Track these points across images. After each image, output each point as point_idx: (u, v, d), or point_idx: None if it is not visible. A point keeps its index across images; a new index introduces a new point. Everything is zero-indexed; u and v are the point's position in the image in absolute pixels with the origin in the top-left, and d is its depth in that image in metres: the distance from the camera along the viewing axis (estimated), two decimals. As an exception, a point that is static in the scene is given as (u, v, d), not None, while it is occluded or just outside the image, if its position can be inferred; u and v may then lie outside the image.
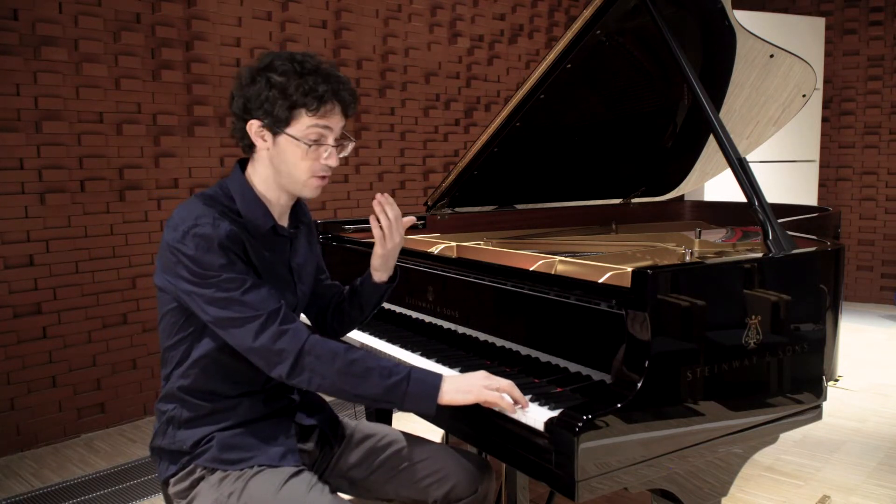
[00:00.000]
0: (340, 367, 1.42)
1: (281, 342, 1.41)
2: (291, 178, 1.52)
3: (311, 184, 1.53)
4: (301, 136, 1.48)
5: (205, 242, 1.41)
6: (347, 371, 1.42)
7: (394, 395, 1.43)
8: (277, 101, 1.45)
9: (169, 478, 1.54)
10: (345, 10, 4.44)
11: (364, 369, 1.43)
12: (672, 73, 2.43)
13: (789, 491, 2.80)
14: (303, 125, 1.47)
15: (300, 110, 1.46)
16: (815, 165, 5.93)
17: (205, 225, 1.42)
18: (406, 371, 1.44)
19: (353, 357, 1.43)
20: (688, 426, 1.44)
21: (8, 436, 3.28)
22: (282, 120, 1.47)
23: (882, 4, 5.98)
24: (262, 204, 1.54)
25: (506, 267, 1.76)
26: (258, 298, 1.42)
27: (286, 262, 1.61)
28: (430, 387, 1.44)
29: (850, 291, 6.24)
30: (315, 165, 1.50)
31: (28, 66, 3.24)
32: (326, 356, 1.43)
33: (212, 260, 1.41)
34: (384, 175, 4.74)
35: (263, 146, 1.51)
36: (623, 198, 3.05)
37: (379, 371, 1.43)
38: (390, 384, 1.42)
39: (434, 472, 1.66)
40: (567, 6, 5.92)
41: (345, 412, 2.01)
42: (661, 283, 1.40)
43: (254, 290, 1.43)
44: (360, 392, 1.44)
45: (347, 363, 1.42)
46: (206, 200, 1.48)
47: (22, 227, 3.28)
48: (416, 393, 1.43)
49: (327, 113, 1.48)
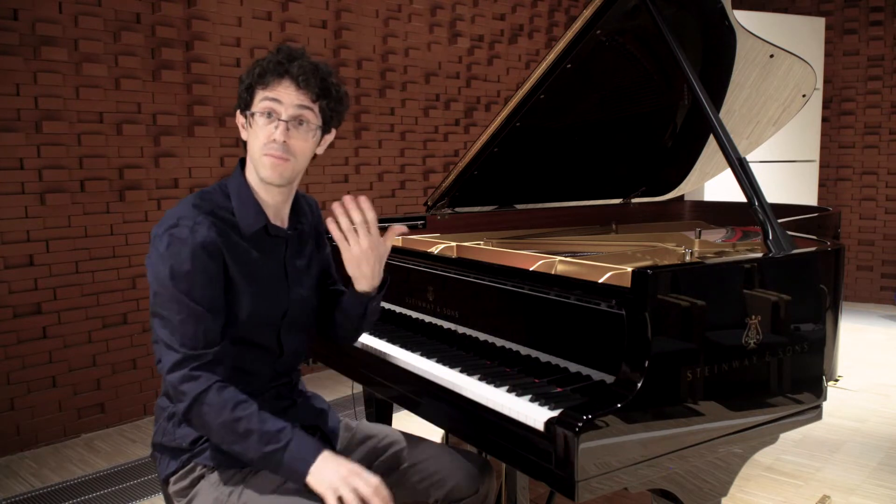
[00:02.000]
0: (224, 422, 1.37)
1: (186, 385, 1.38)
2: (252, 157, 1.50)
3: (263, 161, 1.48)
4: (257, 109, 1.48)
5: (176, 244, 1.41)
6: (230, 428, 1.37)
7: (268, 463, 1.38)
8: (242, 86, 1.50)
9: (169, 476, 1.54)
10: (345, 10, 4.44)
11: (245, 430, 1.37)
12: (672, 73, 2.43)
13: (789, 491, 2.80)
14: (257, 101, 1.48)
15: (256, 89, 1.48)
16: (815, 165, 5.93)
17: (183, 227, 1.42)
18: (285, 441, 1.37)
19: (238, 416, 1.37)
20: (688, 426, 1.44)
21: (8, 436, 3.28)
22: (247, 102, 1.49)
23: (882, 4, 5.98)
24: (256, 203, 1.53)
25: (506, 267, 1.76)
26: (189, 334, 1.39)
27: (280, 264, 1.58)
28: (302, 465, 1.37)
29: (850, 291, 6.24)
30: (266, 140, 1.47)
31: (28, 66, 3.24)
32: (216, 408, 1.37)
33: (174, 265, 1.40)
34: (384, 175, 4.74)
35: (245, 136, 1.52)
36: (623, 198, 3.05)
37: (259, 435, 1.37)
38: (266, 452, 1.37)
39: (435, 472, 1.66)
40: (567, 6, 5.92)
41: (345, 412, 2.01)
42: (661, 283, 1.40)
43: (191, 323, 1.40)
44: (239, 451, 1.39)
45: (232, 420, 1.37)
46: (199, 198, 1.49)
47: (22, 227, 3.28)
48: (288, 467, 1.37)
49: (275, 85, 1.47)
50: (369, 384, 2.03)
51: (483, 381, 1.59)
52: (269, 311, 1.54)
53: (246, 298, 1.49)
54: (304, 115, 1.49)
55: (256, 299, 1.51)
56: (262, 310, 1.52)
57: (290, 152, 1.48)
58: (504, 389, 1.53)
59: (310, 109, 1.50)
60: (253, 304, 1.50)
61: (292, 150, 1.48)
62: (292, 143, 1.48)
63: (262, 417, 1.39)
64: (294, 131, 1.48)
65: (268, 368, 1.58)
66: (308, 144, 1.51)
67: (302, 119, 1.49)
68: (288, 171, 1.50)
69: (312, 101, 1.50)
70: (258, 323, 1.52)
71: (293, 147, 1.48)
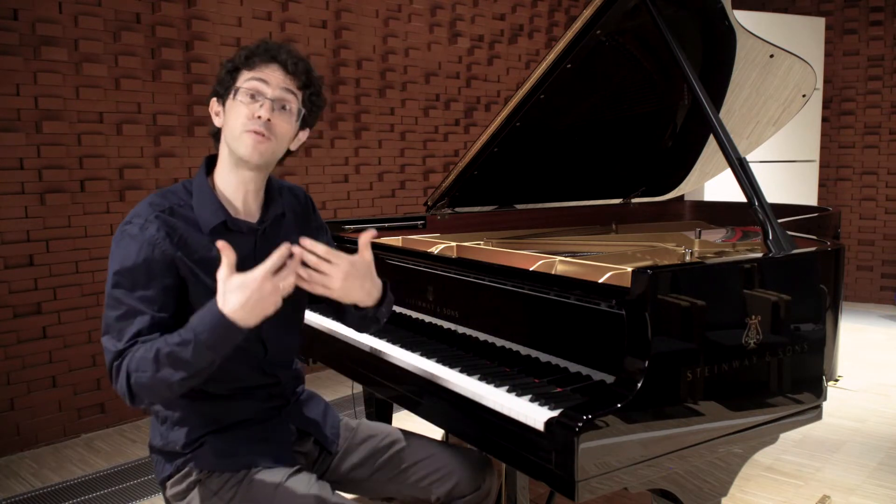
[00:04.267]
0: (152, 374, 1.33)
1: (118, 378, 1.37)
2: (232, 137, 1.47)
3: (244, 139, 1.45)
4: (242, 86, 1.47)
5: (125, 240, 1.42)
6: (159, 376, 1.32)
7: (208, 355, 1.31)
8: (223, 71, 1.50)
9: (166, 479, 1.54)
10: (345, 10, 4.44)
11: (166, 357, 1.31)
12: (672, 73, 2.43)
13: (789, 491, 2.80)
14: (242, 81, 1.48)
15: (240, 71, 1.48)
16: (815, 165, 5.92)
17: (135, 224, 1.43)
18: (193, 333, 1.31)
19: (157, 360, 1.32)
20: (688, 426, 1.44)
21: (8, 436, 3.28)
22: (228, 84, 1.49)
23: (882, 4, 5.98)
24: (215, 199, 1.49)
25: (506, 267, 1.76)
26: (122, 332, 1.38)
27: (249, 259, 1.47)
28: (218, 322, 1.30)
29: (850, 291, 6.24)
30: (251, 116, 1.45)
31: (28, 66, 3.24)
32: (142, 369, 1.34)
33: (121, 259, 1.41)
34: (384, 175, 4.74)
35: (220, 122, 1.51)
36: (623, 198, 3.05)
37: (178, 352, 1.31)
38: (193, 349, 1.30)
39: (436, 470, 1.66)
40: (567, 6, 5.91)
41: (345, 412, 2.01)
42: (662, 283, 1.40)
43: (124, 321, 1.38)
44: (181, 376, 1.32)
45: (154, 367, 1.32)
46: (159, 196, 1.49)
47: (22, 227, 3.28)
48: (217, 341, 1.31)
49: (263, 67, 1.47)
50: (369, 384, 2.03)
51: (483, 381, 1.59)
52: None
53: (207, 296, 1.41)
54: (288, 98, 1.49)
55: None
56: None
57: (272, 131, 1.46)
58: (504, 389, 1.53)
59: (294, 95, 1.50)
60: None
61: (274, 130, 1.46)
62: (275, 123, 1.46)
63: (164, 342, 1.33)
64: (278, 112, 1.47)
65: (254, 368, 1.56)
66: (290, 128, 1.50)
67: (286, 103, 1.48)
68: (268, 152, 1.47)
69: (298, 87, 1.50)
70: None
71: (276, 127, 1.47)
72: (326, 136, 4.42)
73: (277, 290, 1.31)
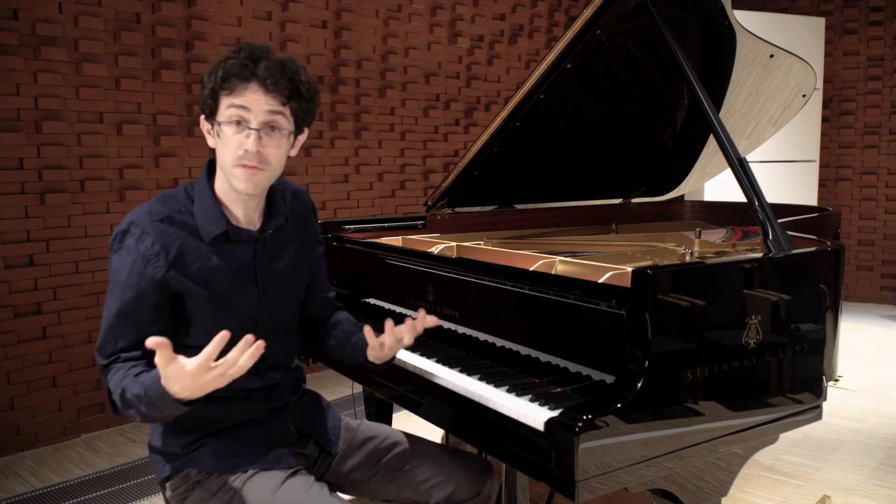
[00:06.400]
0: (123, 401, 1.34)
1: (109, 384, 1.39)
2: (224, 167, 1.42)
3: (235, 173, 1.40)
4: (224, 119, 1.39)
5: (123, 252, 1.41)
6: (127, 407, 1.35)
7: (154, 415, 1.32)
8: (205, 91, 1.41)
9: (165, 480, 1.54)
10: (345, 10, 4.44)
11: (135, 402, 1.32)
12: (672, 73, 2.43)
13: (789, 491, 2.80)
14: (224, 108, 1.39)
15: (220, 94, 1.39)
16: (815, 165, 5.92)
17: (132, 235, 1.41)
18: (143, 391, 1.30)
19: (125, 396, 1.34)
20: (688, 426, 1.44)
21: (8, 436, 3.28)
22: (213, 110, 1.41)
23: (882, 4, 5.98)
24: (217, 207, 1.46)
25: (506, 267, 1.76)
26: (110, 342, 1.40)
27: (248, 269, 1.50)
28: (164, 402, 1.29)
29: (850, 291, 6.23)
30: (238, 150, 1.38)
31: (28, 66, 3.24)
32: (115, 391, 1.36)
33: (119, 271, 1.41)
34: (384, 175, 4.74)
35: (211, 143, 1.45)
36: (623, 198, 3.05)
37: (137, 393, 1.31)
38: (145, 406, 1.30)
39: (436, 474, 1.66)
40: (567, 6, 5.91)
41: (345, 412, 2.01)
42: (662, 283, 1.40)
43: (113, 331, 1.40)
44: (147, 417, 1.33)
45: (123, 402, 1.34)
46: (158, 202, 1.46)
47: (22, 227, 3.28)
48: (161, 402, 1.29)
49: (241, 91, 1.37)
50: (369, 384, 2.03)
51: (483, 381, 1.59)
52: (235, 319, 1.44)
53: (205, 306, 1.44)
54: (275, 120, 1.40)
55: (218, 306, 1.45)
56: (224, 318, 1.43)
57: (263, 161, 1.40)
58: (504, 389, 1.53)
59: (280, 114, 1.41)
60: (214, 313, 1.45)
61: (266, 159, 1.40)
62: (265, 152, 1.39)
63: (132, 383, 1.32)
64: (266, 139, 1.39)
65: (253, 371, 1.53)
66: (282, 150, 1.44)
67: (274, 125, 1.40)
68: (264, 181, 1.44)
69: (282, 104, 1.41)
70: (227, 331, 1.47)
71: (266, 155, 1.40)
72: (326, 136, 4.42)
73: (222, 376, 1.23)
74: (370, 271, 2.26)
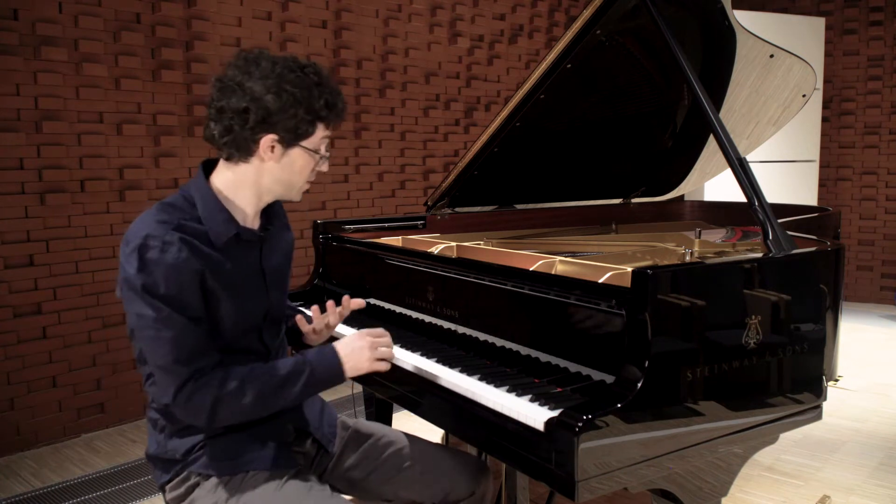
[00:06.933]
0: (252, 401, 1.41)
1: (197, 398, 1.38)
2: (289, 186, 1.52)
3: (300, 189, 1.57)
4: (314, 147, 1.50)
5: (151, 267, 1.35)
6: (261, 401, 1.43)
7: (310, 391, 1.49)
8: (302, 117, 1.43)
9: (164, 484, 1.53)
10: (345, 10, 4.44)
11: (272, 389, 1.44)
12: (672, 73, 2.43)
13: (789, 491, 2.80)
14: (318, 137, 1.50)
15: (318, 125, 1.48)
16: (815, 165, 5.93)
17: (153, 248, 1.35)
18: (309, 369, 1.48)
19: (256, 386, 1.42)
20: (688, 426, 1.44)
21: (8, 436, 3.28)
22: (302, 134, 1.46)
23: (882, 4, 5.98)
24: (225, 210, 1.46)
25: (506, 267, 1.76)
26: (182, 350, 1.37)
27: (256, 267, 1.53)
28: (335, 371, 1.51)
29: (850, 291, 6.24)
30: (313, 173, 1.55)
31: (28, 66, 3.24)
32: (235, 398, 1.40)
33: (153, 288, 1.35)
34: (384, 175, 4.74)
35: (268, 158, 1.45)
36: (623, 198, 3.05)
37: (286, 382, 1.46)
38: (304, 386, 1.47)
39: (432, 473, 1.66)
40: (567, 6, 5.92)
41: (345, 412, 2.01)
42: (662, 283, 1.40)
43: (179, 340, 1.37)
44: (282, 404, 1.47)
45: (256, 394, 1.42)
46: (161, 214, 1.41)
47: (22, 227, 3.28)
48: (326, 381, 1.51)
49: (332, 124, 1.52)
50: (369, 384, 2.03)
51: (483, 381, 1.59)
52: (251, 318, 1.50)
53: (228, 308, 1.44)
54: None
55: (238, 308, 1.46)
56: (244, 317, 1.48)
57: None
58: (504, 389, 1.53)
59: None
60: (236, 314, 1.46)
61: None
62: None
63: (272, 369, 1.46)
64: None
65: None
66: None
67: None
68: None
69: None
70: (243, 329, 1.49)
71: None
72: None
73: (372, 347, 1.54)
74: (370, 271, 2.26)
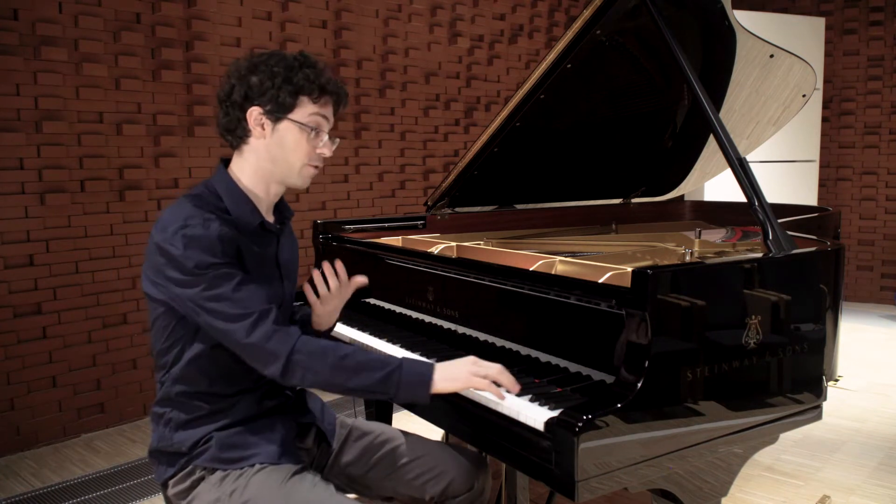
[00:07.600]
0: (333, 363, 1.43)
1: (272, 343, 1.41)
2: (287, 165, 1.55)
3: (305, 172, 1.57)
4: (303, 120, 1.52)
5: (194, 242, 1.41)
6: (340, 366, 1.43)
7: (388, 386, 1.45)
8: (282, 87, 1.49)
9: (168, 479, 1.54)
10: (345, 10, 4.44)
11: (356, 363, 1.44)
12: (672, 73, 2.43)
13: (789, 491, 2.80)
14: (305, 111, 1.52)
15: (304, 97, 1.51)
16: (815, 165, 5.92)
17: (195, 226, 1.42)
18: (398, 362, 1.46)
19: (344, 352, 1.45)
20: (688, 426, 1.44)
21: (8, 436, 3.28)
22: (285, 105, 1.50)
23: (882, 4, 5.98)
24: (250, 200, 1.54)
25: (506, 267, 1.76)
26: (249, 295, 1.43)
27: (273, 258, 1.61)
28: (423, 376, 1.45)
29: (850, 291, 6.24)
30: (311, 153, 1.55)
31: (28, 66, 3.24)
32: (318, 354, 1.43)
33: (201, 259, 1.40)
34: (384, 175, 4.74)
35: (260, 135, 1.52)
36: (623, 198, 3.05)
37: (371, 364, 1.45)
38: (383, 375, 1.44)
39: (431, 468, 1.67)
40: (567, 6, 5.92)
41: (345, 412, 2.01)
42: (661, 283, 1.40)
43: (245, 287, 1.43)
44: (354, 385, 1.45)
45: (339, 358, 1.44)
46: (194, 201, 1.48)
47: (22, 227, 3.28)
48: (409, 382, 1.45)
49: (326, 104, 1.54)
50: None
51: (483, 381, 1.59)
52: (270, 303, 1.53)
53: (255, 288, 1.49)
54: (334, 136, 1.62)
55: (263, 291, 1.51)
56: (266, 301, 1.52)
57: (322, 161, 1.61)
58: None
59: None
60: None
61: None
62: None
63: (361, 350, 1.49)
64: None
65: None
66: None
67: (334, 139, 1.62)
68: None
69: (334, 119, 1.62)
70: None
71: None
72: (326, 136, 4.41)
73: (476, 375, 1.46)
74: (370, 271, 2.25)
